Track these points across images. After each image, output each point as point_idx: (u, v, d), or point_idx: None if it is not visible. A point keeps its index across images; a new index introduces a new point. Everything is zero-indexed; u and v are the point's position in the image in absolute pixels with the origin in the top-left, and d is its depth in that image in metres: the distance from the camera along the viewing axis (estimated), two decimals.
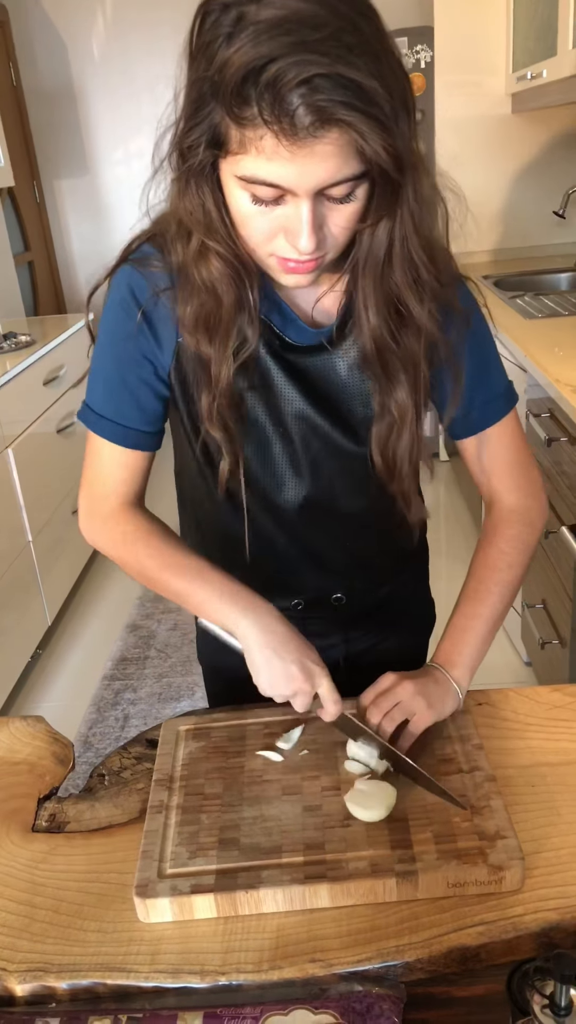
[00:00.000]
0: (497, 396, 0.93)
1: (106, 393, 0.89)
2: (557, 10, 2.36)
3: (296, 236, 0.71)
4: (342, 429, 0.89)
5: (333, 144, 0.64)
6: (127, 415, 0.89)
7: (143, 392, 0.88)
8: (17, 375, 2.53)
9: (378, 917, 0.71)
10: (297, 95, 0.61)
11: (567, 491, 1.76)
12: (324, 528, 0.97)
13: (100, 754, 2.17)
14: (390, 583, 1.08)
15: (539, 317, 2.34)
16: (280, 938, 0.70)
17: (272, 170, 0.66)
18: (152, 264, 0.83)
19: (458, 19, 3.04)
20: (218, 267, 0.77)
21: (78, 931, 0.72)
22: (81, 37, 3.91)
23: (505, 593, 0.94)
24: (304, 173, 0.66)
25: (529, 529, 0.96)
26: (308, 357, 0.87)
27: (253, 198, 0.70)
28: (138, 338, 0.85)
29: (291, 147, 0.64)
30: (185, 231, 0.77)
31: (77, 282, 4.35)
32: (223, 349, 0.81)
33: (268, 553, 0.98)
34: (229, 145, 0.67)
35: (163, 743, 0.91)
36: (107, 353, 0.88)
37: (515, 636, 2.41)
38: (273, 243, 0.74)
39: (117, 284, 0.85)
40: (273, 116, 0.62)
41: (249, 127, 0.64)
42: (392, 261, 0.77)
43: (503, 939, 0.68)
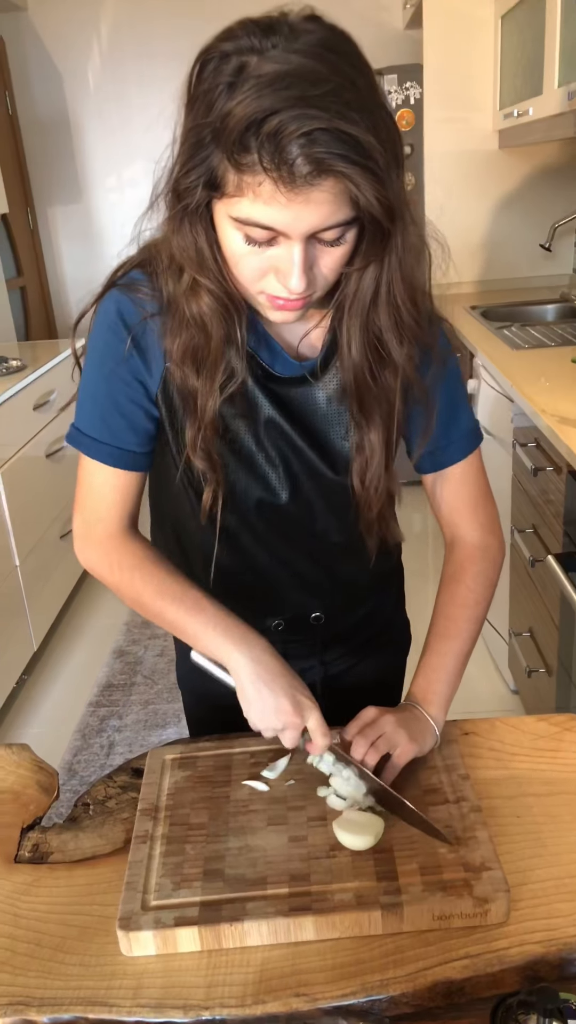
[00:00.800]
0: (464, 435, 0.96)
1: (98, 415, 0.89)
2: (543, 50, 2.42)
3: (287, 276, 0.73)
4: (322, 457, 0.91)
5: (328, 192, 0.67)
6: (120, 436, 0.89)
7: (135, 413, 0.89)
8: (7, 399, 2.54)
9: (363, 950, 0.70)
10: (296, 146, 0.64)
11: (552, 520, 1.78)
12: (305, 550, 0.99)
13: (85, 782, 2.15)
14: (368, 603, 1.09)
15: (526, 348, 2.37)
16: (264, 972, 0.69)
17: (268, 214, 0.69)
18: (140, 289, 0.85)
19: (447, 57, 3.11)
20: (208, 303, 0.79)
21: (60, 964, 0.71)
22: (77, 67, 3.97)
23: (474, 629, 0.96)
24: (298, 218, 0.69)
25: (492, 566, 0.99)
26: (292, 388, 0.89)
27: (246, 238, 0.72)
28: (128, 360, 0.86)
29: (288, 194, 0.67)
30: (177, 267, 0.79)
31: (69, 308, 4.37)
32: (210, 383, 0.82)
33: (249, 574, 0.99)
34: (226, 188, 0.70)
35: (149, 772, 0.90)
36: (97, 376, 0.89)
37: (502, 664, 2.41)
38: (263, 282, 0.76)
39: (105, 308, 0.86)
40: (272, 164, 0.65)
41: (248, 173, 0.67)
42: (377, 303, 0.80)
43: (488, 972, 0.68)
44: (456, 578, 0.98)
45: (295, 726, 0.83)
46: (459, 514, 0.99)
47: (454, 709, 0.95)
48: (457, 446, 0.96)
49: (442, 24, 3.07)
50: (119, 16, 3.86)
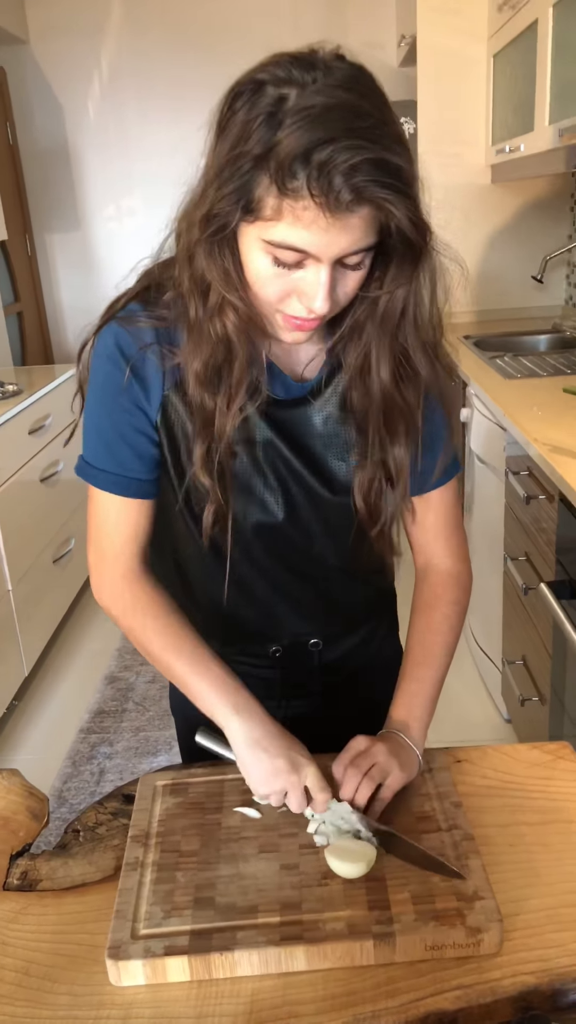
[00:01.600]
0: (449, 460, 0.98)
1: (104, 446, 0.90)
2: (535, 88, 2.47)
3: (312, 299, 0.76)
4: (319, 478, 0.92)
5: (363, 219, 0.72)
6: (126, 465, 0.90)
7: (139, 441, 0.90)
8: (3, 424, 2.54)
9: (354, 981, 0.70)
10: (343, 175, 0.68)
11: (545, 548, 1.78)
12: (303, 574, 0.99)
13: (74, 809, 2.12)
14: (364, 627, 1.09)
15: (518, 377, 2.39)
16: (255, 1003, 0.69)
17: (304, 238, 0.72)
18: (137, 321, 0.86)
19: (440, 94, 3.17)
20: (234, 322, 0.81)
21: (48, 994, 0.70)
22: (77, 98, 4.03)
23: (448, 655, 0.98)
24: (332, 242, 0.72)
25: (464, 593, 1.02)
26: (289, 410, 0.90)
27: (275, 260, 0.75)
28: (129, 390, 0.87)
29: (329, 219, 0.70)
30: (202, 289, 0.81)
31: (65, 333, 4.40)
32: (229, 402, 0.84)
33: (248, 600, 0.99)
34: (263, 212, 0.73)
35: (140, 798, 0.90)
36: (100, 407, 0.90)
37: (495, 693, 2.41)
38: (283, 303, 0.79)
39: (104, 341, 0.88)
40: (320, 191, 0.68)
41: (292, 198, 0.70)
42: (404, 322, 0.83)
43: (481, 1003, 0.67)
44: (432, 605, 1.00)
45: (293, 785, 0.84)
46: (435, 540, 1.01)
47: (446, 736, 0.95)
48: (440, 471, 0.97)
49: (435, 62, 3.14)
50: (119, 49, 3.94)
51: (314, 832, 0.83)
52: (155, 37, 3.89)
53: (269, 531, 0.94)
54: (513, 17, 2.66)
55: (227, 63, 3.18)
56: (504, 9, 2.74)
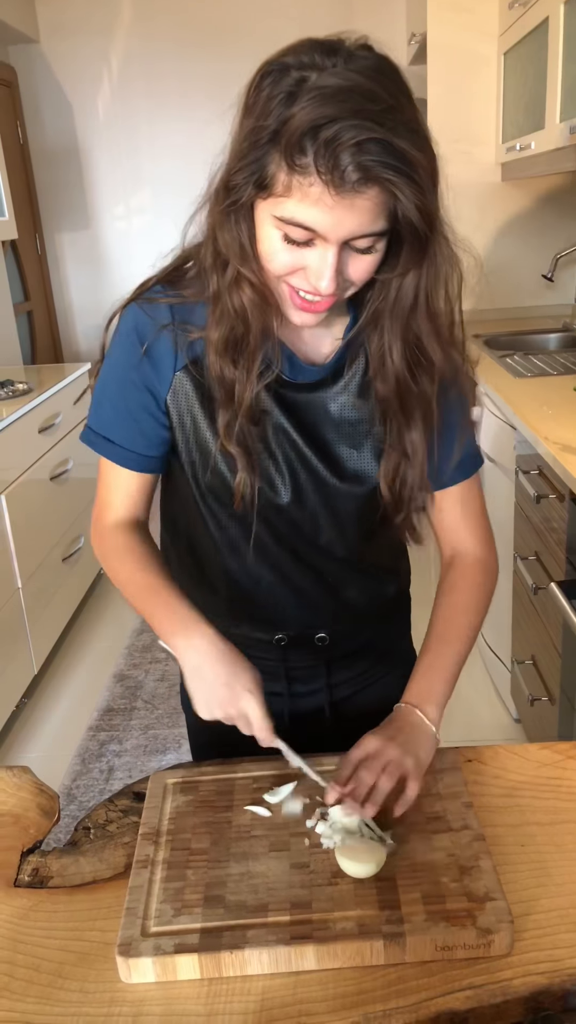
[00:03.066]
0: (471, 455, 0.99)
1: (110, 417, 0.94)
2: (545, 86, 2.46)
3: (319, 278, 0.78)
4: (328, 464, 0.93)
5: (370, 201, 0.73)
6: (130, 439, 0.94)
7: (145, 419, 0.93)
8: (13, 422, 2.55)
9: (365, 980, 0.70)
10: (349, 154, 0.69)
11: (556, 547, 1.78)
12: (309, 563, 1.00)
13: (84, 807, 2.13)
14: (373, 627, 1.09)
15: (528, 376, 2.39)
16: (265, 1001, 0.69)
17: (312, 215, 0.73)
18: (155, 299, 0.89)
19: (450, 92, 3.16)
20: (249, 295, 0.83)
21: (59, 990, 0.71)
22: (87, 98, 4.04)
23: (471, 636, 0.98)
24: (339, 222, 0.73)
25: (490, 578, 1.02)
26: (303, 393, 0.92)
27: (285, 237, 0.77)
28: (140, 368, 0.90)
29: (335, 197, 0.71)
30: (222, 262, 0.83)
31: (75, 332, 4.41)
32: (248, 371, 0.86)
33: (252, 583, 1.00)
34: (275, 188, 0.74)
35: (150, 796, 0.90)
36: (112, 380, 0.93)
37: (504, 693, 2.40)
38: (292, 277, 0.80)
39: (124, 319, 0.92)
40: (326, 168, 0.70)
41: (300, 174, 0.72)
42: (417, 310, 0.84)
43: (492, 1003, 0.67)
44: (457, 587, 1.00)
45: (233, 717, 0.85)
46: (462, 530, 1.01)
47: (455, 736, 0.94)
48: (468, 461, 0.99)
49: (446, 60, 3.13)
50: (129, 48, 3.94)
51: (315, 827, 0.83)
52: (164, 37, 3.89)
53: (275, 512, 0.95)
54: (524, 15, 2.65)
55: (236, 63, 3.26)
56: (515, 7, 2.73)
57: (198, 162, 0.84)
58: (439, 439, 0.92)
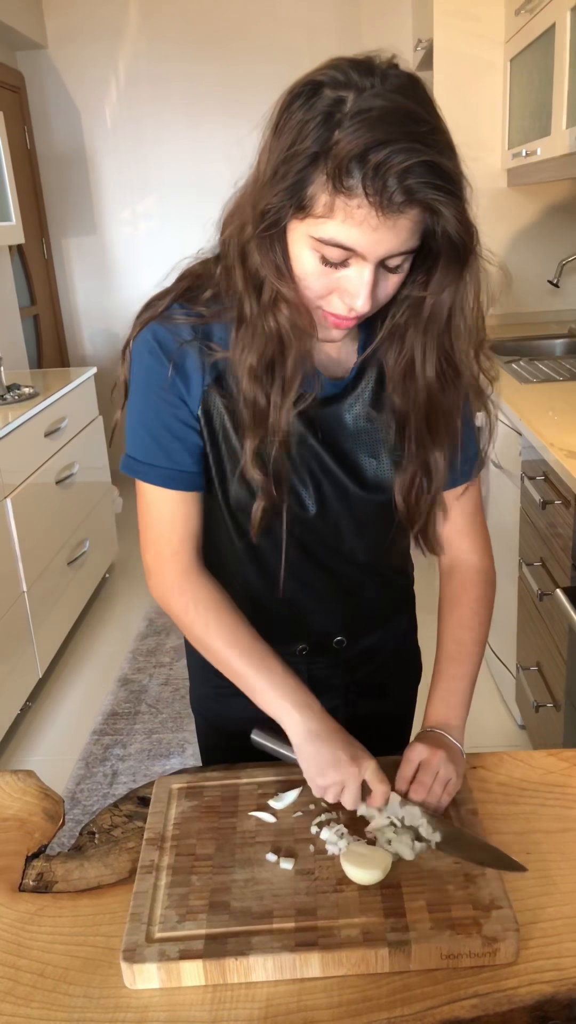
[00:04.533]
0: (468, 460, 0.98)
1: (151, 441, 0.91)
2: (552, 92, 2.46)
3: (354, 297, 0.78)
4: (349, 474, 0.93)
5: (411, 221, 0.74)
6: (175, 458, 0.91)
7: (185, 433, 0.91)
8: (19, 426, 2.56)
9: (369, 988, 0.70)
10: (396, 177, 0.70)
11: (561, 553, 1.77)
12: (330, 570, 1.00)
13: (87, 811, 2.13)
14: (385, 627, 1.09)
15: (534, 382, 2.39)
16: (270, 1007, 0.68)
17: (354, 236, 0.74)
18: (176, 319, 0.88)
19: (456, 98, 3.17)
20: (287, 315, 0.82)
21: (63, 995, 0.71)
22: (94, 104, 4.06)
23: (480, 651, 1.00)
24: (379, 242, 0.74)
25: (491, 588, 1.03)
26: (321, 408, 0.91)
27: (322, 258, 0.77)
28: (173, 386, 0.89)
29: (380, 218, 0.72)
30: (255, 285, 0.82)
31: (81, 336, 4.43)
32: (283, 395, 0.85)
33: (276, 596, 0.99)
34: (315, 209, 0.74)
35: (155, 801, 0.90)
36: (144, 403, 0.91)
37: (509, 699, 2.40)
38: (326, 300, 0.81)
39: (143, 338, 0.89)
40: (374, 191, 0.71)
41: (346, 196, 0.72)
42: (452, 324, 0.84)
43: (497, 1012, 0.67)
44: (460, 601, 1.00)
45: (353, 776, 0.84)
46: (460, 536, 1.01)
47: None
48: (468, 468, 0.98)
49: (452, 66, 3.14)
50: (136, 54, 3.96)
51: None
52: (171, 43, 3.91)
53: (302, 525, 0.94)
54: (530, 21, 2.65)
55: (243, 68, 3.28)
56: (521, 13, 2.74)
57: (205, 168, 0.84)
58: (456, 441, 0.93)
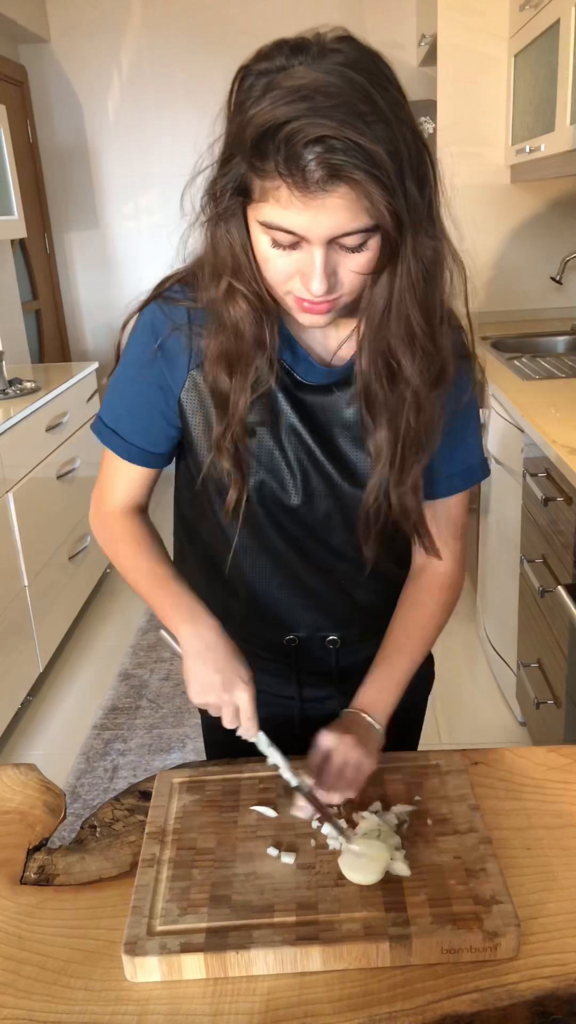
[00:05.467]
0: (466, 470, 0.98)
1: (120, 412, 0.96)
2: (556, 88, 2.46)
3: (309, 279, 0.77)
4: (340, 469, 0.93)
5: (343, 199, 0.70)
6: (136, 435, 0.95)
7: (154, 417, 0.94)
8: (20, 421, 2.56)
9: (370, 982, 0.70)
10: (309, 153, 0.68)
11: (563, 550, 1.77)
12: (320, 565, 0.99)
13: (88, 805, 2.13)
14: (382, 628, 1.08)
15: (536, 379, 2.38)
16: (270, 1001, 0.69)
17: (288, 218, 0.72)
18: (175, 302, 0.89)
19: (460, 94, 3.16)
20: (243, 307, 0.82)
21: (64, 988, 0.71)
22: (97, 98, 4.05)
23: (425, 650, 1.00)
24: (315, 223, 0.72)
25: (455, 596, 1.03)
26: (317, 396, 0.91)
27: (273, 242, 0.76)
28: (153, 367, 0.91)
29: (303, 198, 0.70)
30: (217, 273, 0.82)
31: (83, 331, 4.43)
32: (242, 383, 0.86)
33: (263, 584, 1.00)
34: (253, 193, 0.74)
35: (157, 795, 0.90)
36: (126, 376, 0.94)
37: (510, 695, 2.40)
38: (290, 283, 0.79)
39: (142, 318, 0.92)
40: (287, 169, 0.69)
41: (267, 178, 0.71)
42: (389, 315, 0.81)
43: (497, 1007, 0.67)
44: (422, 601, 1.00)
45: (224, 703, 0.87)
46: (441, 543, 0.98)
47: (461, 738, 0.94)
48: (457, 479, 0.97)
49: (456, 62, 3.13)
50: (139, 48, 3.95)
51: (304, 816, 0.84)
52: (175, 37, 3.90)
53: (287, 514, 0.95)
54: (535, 16, 2.64)
55: None
56: (526, 8, 2.73)
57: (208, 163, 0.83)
58: (428, 449, 0.89)
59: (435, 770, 0.91)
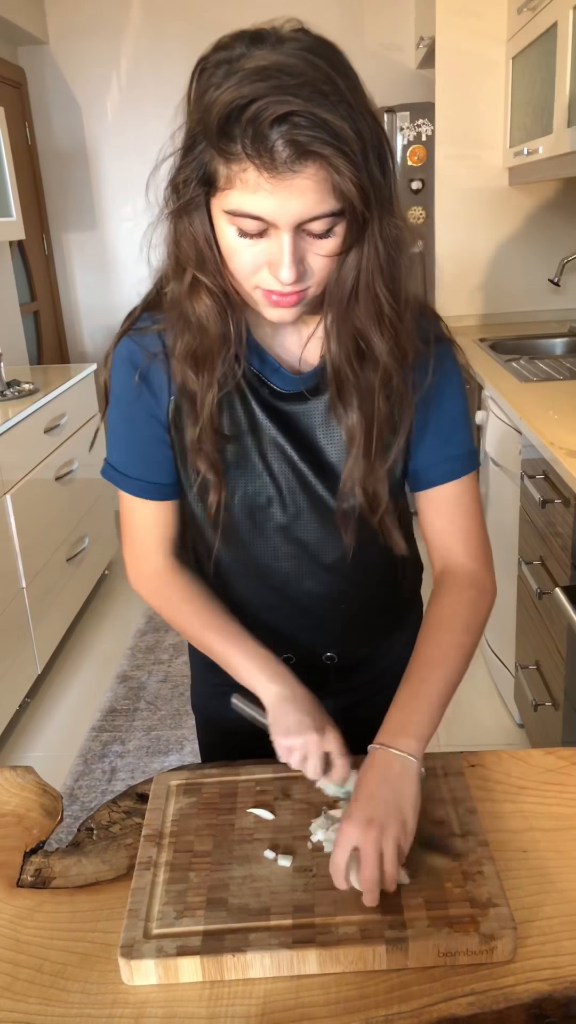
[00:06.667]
0: (458, 456, 0.93)
1: (125, 452, 0.95)
2: (554, 91, 2.46)
3: (277, 267, 0.75)
4: (322, 478, 0.91)
5: (311, 179, 0.70)
6: (146, 471, 0.94)
7: (155, 447, 0.93)
8: (19, 422, 2.56)
9: (367, 985, 0.70)
10: (276, 131, 0.67)
11: (560, 552, 1.77)
12: (312, 580, 0.98)
13: (86, 807, 2.13)
14: (384, 641, 1.08)
15: (534, 380, 2.38)
16: (267, 1004, 0.68)
17: (255, 202, 0.71)
18: (144, 330, 0.89)
19: (458, 96, 3.16)
20: (207, 302, 0.81)
21: (61, 991, 0.71)
22: (95, 99, 4.05)
23: (461, 654, 0.89)
24: (284, 206, 0.71)
25: (484, 597, 0.94)
26: (295, 404, 0.90)
27: (239, 232, 0.75)
28: (141, 399, 0.90)
29: (272, 179, 0.69)
30: (180, 268, 0.81)
31: (81, 333, 4.42)
32: (208, 379, 0.85)
33: (258, 604, 0.99)
34: (218, 182, 0.73)
35: (154, 798, 0.90)
36: (119, 416, 0.94)
37: (508, 698, 2.40)
38: (257, 276, 0.78)
39: (118, 353, 0.91)
40: (255, 150, 0.68)
41: (234, 162, 0.70)
42: (358, 294, 0.80)
43: (494, 1010, 0.67)
44: (442, 603, 0.92)
45: (315, 742, 0.85)
46: (449, 538, 0.94)
47: (459, 740, 0.94)
48: (449, 466, 0.93)
49: (454, 64, 3.13)
50: (138, 50, 3.95)
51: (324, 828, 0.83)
52: (173, 39, 3.90)
53: (278, 531, 0.94)
54: (532, 19, 2.65)
55: None
56: (524, 11, 2.73)
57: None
58: (413, 436, 0.88)
59: (432, 772, 0.91)
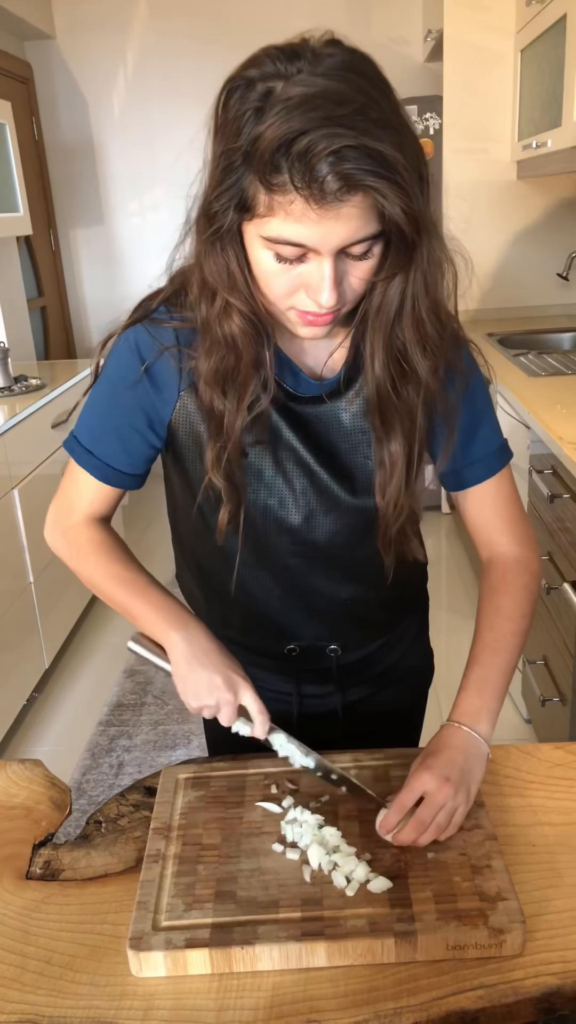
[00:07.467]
0: (490, 454, 0.96)
1: (97, 431, 0.93)
2: (562, 84, 2.45)
3: (318, 292, 0.75)
4: (340, 480, 0.91)
5: (356, 207, 0.69)
6: (111, 456, 0.93)
7: (133, 438, 0.92)
8: (26, 418, 2.56)
9: (376, 978, 0.70)
10: (326, 164, 0.66)
11: (569, 547, 1.77)
12: (320, 578, 0.98)
13: (93, 801, 2.14)
14: (388, 634, 1.08)
15: (542, 375, 2.38)
16: (275, 997, 0.69)
17: (299, 231, 0.70)
18: (161, 322, 0.87)
19: (466, 89, 3.15)
20: (239, 324, 0.80)
21: (70, 983, 0.71)
22: (102, 94, 4.05)
23: (519, 642, 0.93)
24: (329, 234, 0.70)
25: (534, 579, 0.97)
26: (312, 407, 0.89)
27: (277, 257, 0.74)
28: (137, 389, 0.89)
29: (319, 211, 0.68)
30: (210, 291, 0.80)
31: (88, 328, 4.43)
32: (238, 403, 0.84)
33: (263, 598, 0.99)
34: (257, 209, 0.72)
35: (162, 791, 0.90)
36: (104, 397, 0.92)
37: (515, 692, 2.39)
38: (293, 298, 0.77)
39: (125, 337, 0.89)
40: (304, 183, 0.67)
41: (279, 192, 0.69)
42: (402, 316, 0.80)
43: (503, 1003, 0.67)
44: (498, 590, 0.95)
45: (228, 702, 0.85)
46: (495, 531, 0.97)
47: None
48: (481, 465, 0.95)
49: (462, 57, 3.12)
50: (145, 45, 3.94)
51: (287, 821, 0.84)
52: (180, 34, 3.89)
53: (288, 534, 0.93)
54: (541, 12, 2.63)
55: None
56: (532, 4, 2.72)
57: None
58: (448, 439, 0.90)
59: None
